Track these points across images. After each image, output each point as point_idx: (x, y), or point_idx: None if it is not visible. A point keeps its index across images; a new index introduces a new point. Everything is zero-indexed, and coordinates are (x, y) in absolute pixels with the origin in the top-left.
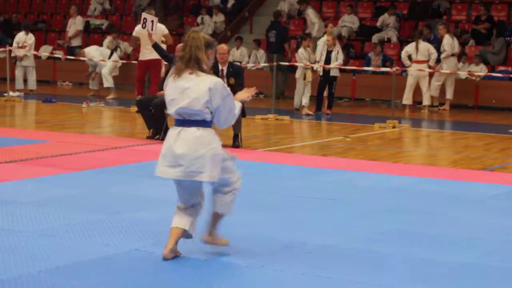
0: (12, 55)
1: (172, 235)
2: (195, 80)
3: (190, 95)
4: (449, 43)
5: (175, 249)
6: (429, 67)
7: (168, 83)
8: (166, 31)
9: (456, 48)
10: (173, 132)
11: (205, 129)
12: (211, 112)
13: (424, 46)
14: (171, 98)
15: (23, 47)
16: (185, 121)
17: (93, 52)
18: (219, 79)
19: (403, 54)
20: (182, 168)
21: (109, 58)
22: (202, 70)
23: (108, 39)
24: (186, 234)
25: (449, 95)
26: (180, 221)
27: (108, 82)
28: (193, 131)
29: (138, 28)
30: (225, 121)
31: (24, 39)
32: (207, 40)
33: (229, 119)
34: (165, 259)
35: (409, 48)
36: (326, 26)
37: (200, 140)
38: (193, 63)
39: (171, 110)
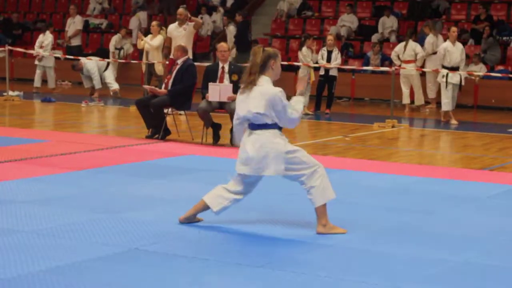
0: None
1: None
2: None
3: None
4: (431, 41)
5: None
6: (418, 66)
7: None
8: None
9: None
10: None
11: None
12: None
13: (411, 46)
14: None
15: (43, 47)
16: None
17: (89, 65)
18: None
19: (393, 54)
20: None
21: (107, 66)
22: None
23: (117, 37)
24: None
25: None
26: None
27: (114, 86)
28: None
29: (170, 28)
30: None
31: (42, 39)
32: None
33: None
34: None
35: (398, 48)
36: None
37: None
38: None
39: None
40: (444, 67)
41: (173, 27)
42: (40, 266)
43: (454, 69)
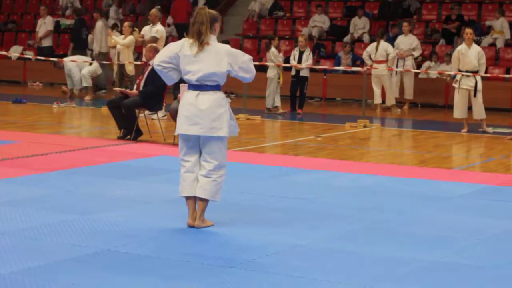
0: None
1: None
2: (209, 50)
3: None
4: (415, 42)
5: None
6: (389, 67)
7: (186, 58)
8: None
9: None
10: (190, 94)
11: (220, 92)
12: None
13: (382, 46)
14: (193, 69)
15: None
16: (202, 86)
17: (71, 64)
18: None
19: (364, 54)
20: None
21: (90, 64)
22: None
23: (88, 38)
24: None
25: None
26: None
27: (86, 82)
28: (211, 93)
29: (145, 29)
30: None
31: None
32: (212, 15)
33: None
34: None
35: (370, 48)
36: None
37: (218, 102)
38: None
39: (193, 77)
40: (460, 71)
41: (147, 28)
42: (11, 268)
43: (468, 73)
